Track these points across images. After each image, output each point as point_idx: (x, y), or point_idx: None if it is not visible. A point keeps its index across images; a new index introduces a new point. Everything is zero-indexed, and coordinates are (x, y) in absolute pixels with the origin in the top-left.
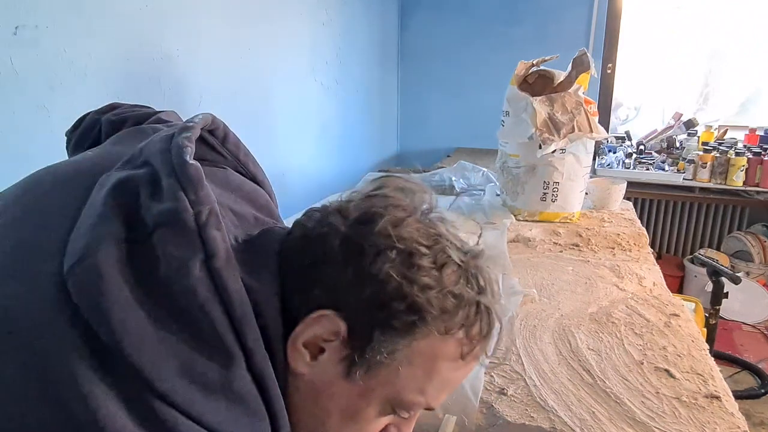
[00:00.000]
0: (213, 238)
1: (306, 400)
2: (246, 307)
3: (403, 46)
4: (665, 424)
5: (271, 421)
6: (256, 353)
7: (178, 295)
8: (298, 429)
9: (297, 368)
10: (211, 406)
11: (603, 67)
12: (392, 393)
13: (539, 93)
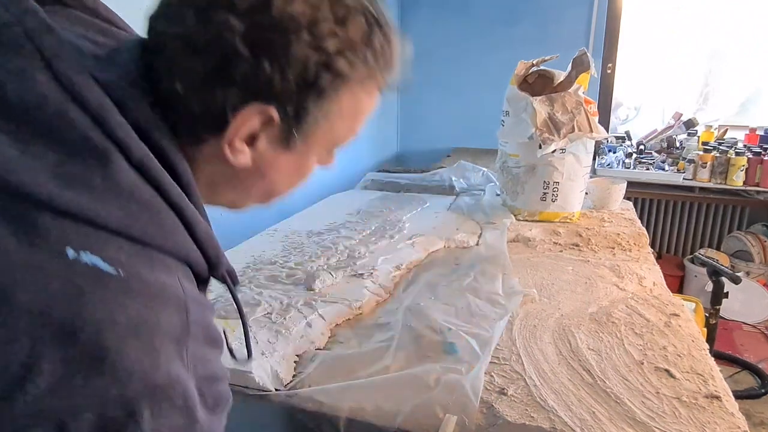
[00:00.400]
0: (47, 41)
1: (249, 181)
2: (102, 100)
3: None
4: (665, 424)
5: (176, 212)
6: (132, 146)
7: (34, 110)
8: (234, 204)
9: (241, 163)
10: (103, 206)
11: (603, 67)
12: (329, 142)
13: (539, 93)
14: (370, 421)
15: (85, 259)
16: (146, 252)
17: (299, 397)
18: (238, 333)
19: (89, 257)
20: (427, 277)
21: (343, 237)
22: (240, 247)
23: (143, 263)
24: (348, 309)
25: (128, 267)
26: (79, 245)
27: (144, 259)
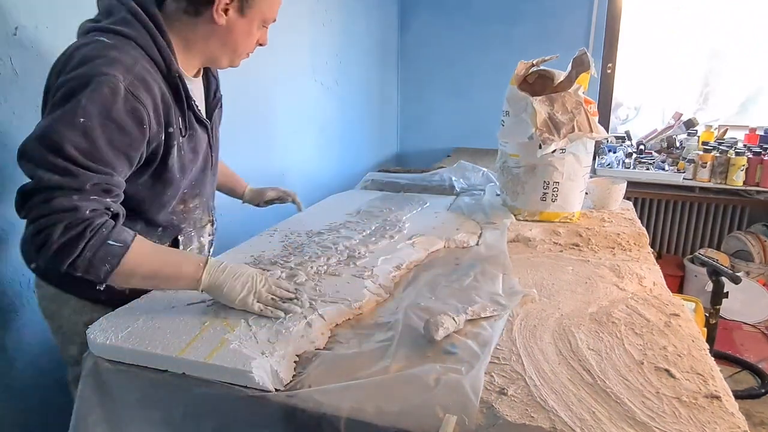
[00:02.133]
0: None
1: (217, 37)
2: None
3: (403, 46)
4: (665, 424)
5: (150, 34)
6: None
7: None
8: (200, 56)
9: (220, 22)
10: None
11: (603, 67)
12: (262, 15)
13: (539, 93)
14: (370, 421)
15: (100, 37)
16: (124, 42)
17: (299, 397)
18: (238, 332)
19: (100, 34)
20: (427, 277)
21: (343, 237)
22: (240, 247)
23: (122, 50)
24: (348, 309)
25: (117, 41)
26: (103, 35)
27: (127, 45)
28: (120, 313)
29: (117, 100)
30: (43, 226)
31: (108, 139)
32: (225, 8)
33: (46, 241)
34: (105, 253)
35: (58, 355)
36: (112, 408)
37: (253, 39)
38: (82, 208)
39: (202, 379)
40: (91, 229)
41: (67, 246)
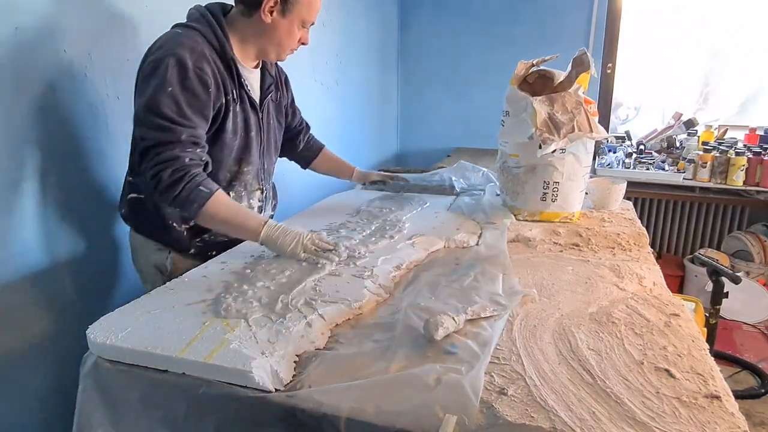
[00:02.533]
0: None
1: (265, 34)
2: (205, 10)
3: (403, 46)
4: (665, 424)
5: (213, 30)
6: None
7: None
8: (255, 49)
9: (266, 21)
10: (197, 25)
11: (603, 67)
12: (301, 17)
13: (539, 93)
14: (370, 421)
15: (177, 28)
16: (193, 31)
17: (299, 397)
18: (238, 332)
19: (178, 27)
20: (427, 277)
21: (343, 237)
22: (240, 247)
23: (189, 33)
24: (348, 309)
25: (186, 31)
26: (180, 27)
27: (193, 33)
28: (120, 313)
29: (188, 72)
30: (156, 171)
31: (188, 101)
32: (270, 10)
33: (159, 182)
34: (196, 195)
35: (58, 355)
36: (113, 408)
37: (295, 37)
38: (183, 158)
39: (202, 379)
40: (189, 175)
41: (171, 186)
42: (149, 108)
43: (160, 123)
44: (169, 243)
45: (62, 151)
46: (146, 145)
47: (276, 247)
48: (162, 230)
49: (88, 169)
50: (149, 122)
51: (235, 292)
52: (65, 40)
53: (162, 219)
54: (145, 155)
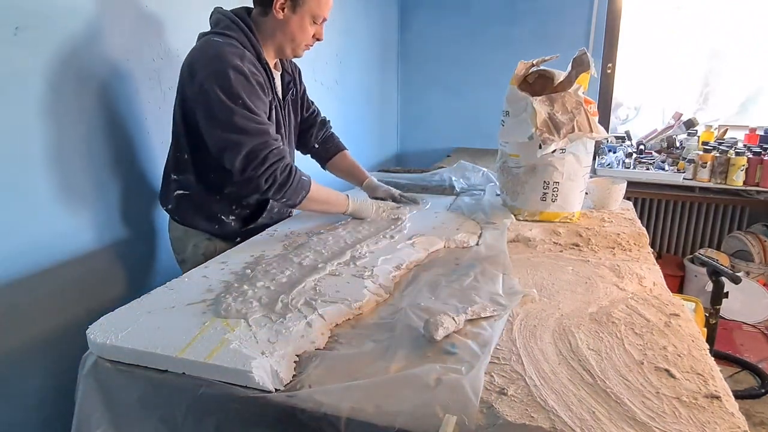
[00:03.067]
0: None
1: (279, 30)
2: (235, 15)
3: (403, 46)
4: (665, 424)
5: (245, 35)
6: (239, 22)
7: (223, 21)
8: (273, 47)
9: (279, 17)
10: (230, 32)
11: (603, 67)
12: (311, 12)
13: (539, 93)
14: (370, 421)
15: (214, 38)
16: (231, 40)
17: (299, 397)
18: (238, 332)
19: (213, 36)
20: (427, 277)
21: (343, 237)
22: (240, 247)
23: (229, 41)
24: (348, 309)
25: (226, 40)
26: (215, 36)
27: (232, 41)
28: (120, 313)
29: (249, 80)
30: (270, 173)
31: (256, 105)
32: (282, 6)
33: (274, 182)
34: (301, 185)
35: (58, 355)
36: (112, 408)
37: (307, 32)
38: (284, 154)
39: (202, 379)
40: (293, 169)
41: (285, 182)
42: (229, 127)
43: (250, 127)
44: (218, 233)
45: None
46: (243, 152)
47: (362, 215)
48: (212, 222)
49: (128, 163)
50: (236, 131)
51: (235, 292)
52: (110, 42)
53: (211, 212)
54: (247, 162)
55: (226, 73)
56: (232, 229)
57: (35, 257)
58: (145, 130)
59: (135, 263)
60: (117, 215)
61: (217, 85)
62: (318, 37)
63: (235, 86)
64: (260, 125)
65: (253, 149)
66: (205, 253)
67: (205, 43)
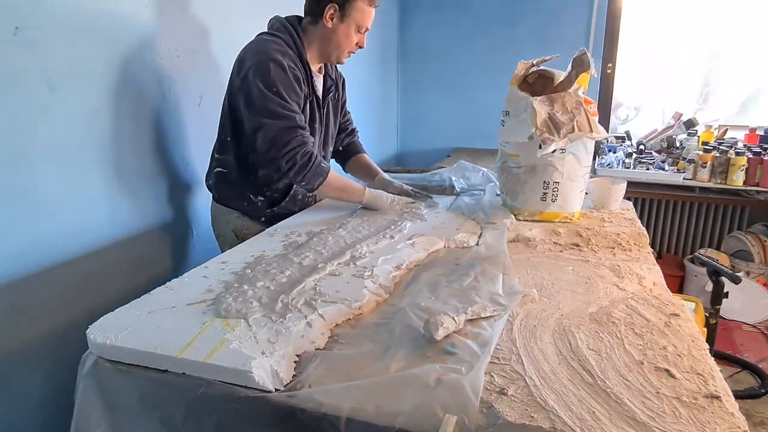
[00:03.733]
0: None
1: (326, 38)
2: (287, 21)
3: (403, 46)
4: (665, 424)
5: (293, 39)
6: (290, 28)
7: (281, 27)
8: (319, 52)
9: (328, 26)
10: (279, 34)
11: (603, 67)
12: (357, 22)
13: (539, 93)
14: (370, 421)
15: (265, 36)
16: (278, 39)
17: (299, 397)
18: (238, 332)
19: (265, 35)
20: (427, 277)
21: (343, 237)
22: (240, 247)
23: (276, 40)
24: (348, 309)
25: (273, 38)
26: (266, 35)
27: (279, 41)
28: (120, 313)
29: (286, 72)
30: (290, 156)
31: (289, 95)
32: (331, 17)
33: (294, 165)
34: (320, 171)
35: (58, 355)
36: (112, 408)
37: (352, 40)
38: (306, 141)
39: (202, 379)
40: (314, 155)
41: (304, 166)
42: (265, 108)
43: (280, 112)
44: (246, 211)
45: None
46: (269, 134)
47: (377, 204)
48: (242, 200)
49: (132, 162)
50: (266, 114)
51: (235, 292)
52: (110, 42)
53: (243, 191)
54: (272, 143)
55: (266, 64)
56: (258, 209)
57: (35, 257)
58: (144, 130)
59: (135, 263)
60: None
61: (258, 74)
62: (360, 45)
63: (273, 76)
64: (289, 112)
65: (279, 132)
66: (234, 229)
67: (256, 40)
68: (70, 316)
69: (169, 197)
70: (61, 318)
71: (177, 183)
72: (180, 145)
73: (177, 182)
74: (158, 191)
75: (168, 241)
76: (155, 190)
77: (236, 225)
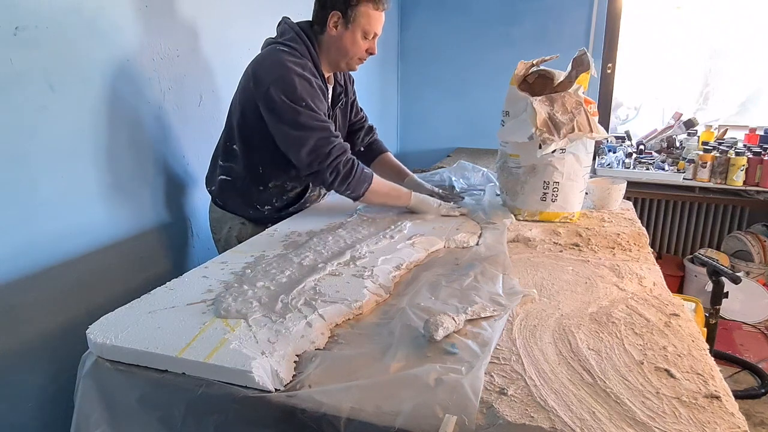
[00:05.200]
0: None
1: (333, 46)
2: (299, 27)
3: (404, 45)
4: (665, 424)
5: (307, 47)
6: (302, 34)
7: (286, 33)
8: (328, 61)
9: (333, 33)
10: (294, 45)
11: (603, 67)
12: (363, 28)
13: (539, 93)
14: (370, 421)
15: (279, 47)
16: (294, 51)
17: (299, 397)
18: (238, 332)
19: (278, 45)
20: (427, 277)
21: (343, 237)
22: (240, 247)
23: (292, 52)
24: (348, 309)
25: (290, 50)
26: (280, 46)
27: (295, 53)
28: (120, 313)
29: (312, 85)
30: (334, 167)
31: (317, 106)
32: (335, 24)
33: (338, 175)
34: (364, 177)
35: (58, 355)
36: (111, 408)
37: (360, 46)
38: (347, 150)
39: (202, 379)
40: (356, 162)
41: (347, 175)
42: (298, 125)
43: (314, 124)
44: (251, 218)
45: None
46: (308, 148)
47: (423, 208)
48: (248, 209)
49: (130, 162)
50: (302, 129)
51: (235, 292)
52: (110, 42)
53: (250, 200)
54: (313, 156)
55: (291, 79)
56: (264, 216)
57: (35, 257)
58: (144, 130)
59: (135, 263)
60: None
61: (282, 90)
62: (371, 52)
63: (300, 91)
64: (323, 123)
65: (317, 144)
66: (238, 236)
67: (271, 52)
68: (70, 316)
69: (168, 197)
70: (61, 318)
71: (177, 183)
72: (180, 145)
73: (177, 182)
74: (158, 191)
75: (167, 241)
76: (155, 190)
77: (240, 233)
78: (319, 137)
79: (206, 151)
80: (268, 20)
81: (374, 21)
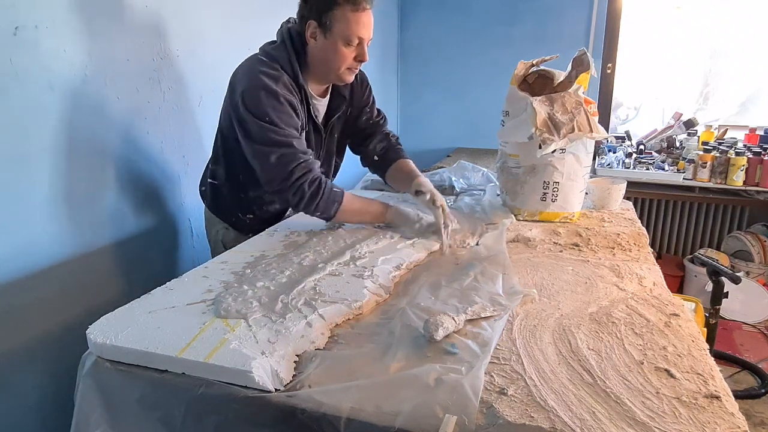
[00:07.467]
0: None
1: (316, 57)
2: (285, 33)
3: (403, 46)
4: (665, 424)
5: (290, 56)
6: (289, 41)
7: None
8: (316, 74)
9: (314, 45)
10: (276, 53)
11: (603, 67)
12: (342, 34)
13: (539, 93)
14: (370, 421)
15: (259, 56)
16: (273, 62)
17: (299, 397)
18: (238, 332)
19: (260, 54)
20: (427, 277)
21: (343, 237)
22: (240, 247)
23: (270, 63)
24: (348, 309)
25: (268, 61)
26: (261, 55)
27: (274, 64)
28: (120, 313)
29: (279, 100)
30: (297, 187)
31: (283, 120)
32: (312, 34)
33: (302, 196)
34: (333, 196)
35: (58, 355)
36: (111, 408)
37: (343, 55)
38: (314, 168)
39: (202, 379)
40: (322, 182)
41: (313, 196)
42: (258, 132)
43: (276, 139)
44: (234, 226)
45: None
46: (269, 164)
47: (402, 221)
48: (230, 216)
49: (126, 164)
50: (263, 143)
51: (235, 292)
52: (110, 42)
53: (231, 207)
54: (274, 174)
55: (257, 92)
56: (246, 225)
57: (35, 257)
58: (144, 130)
59: (134, 263)
60: (116, 215)
61: (249, 104)
62: (360, 59)
63: (264, 105)
64: (285, 138)
65: (278, 161)
66: (223, 240)
67: (250, 61)
68: (70, 316)
69: (168, 197)
70: (61, 318)
71: (176, 183)
72: (180, 145)
73: (176, 182)
74: (158, 191)
75: (167, 241)
76: (154, 190)
77: (225, 236)
78: (281, 154)
79: (206, 152)
80: (268, 20)
81: (354, 24)
